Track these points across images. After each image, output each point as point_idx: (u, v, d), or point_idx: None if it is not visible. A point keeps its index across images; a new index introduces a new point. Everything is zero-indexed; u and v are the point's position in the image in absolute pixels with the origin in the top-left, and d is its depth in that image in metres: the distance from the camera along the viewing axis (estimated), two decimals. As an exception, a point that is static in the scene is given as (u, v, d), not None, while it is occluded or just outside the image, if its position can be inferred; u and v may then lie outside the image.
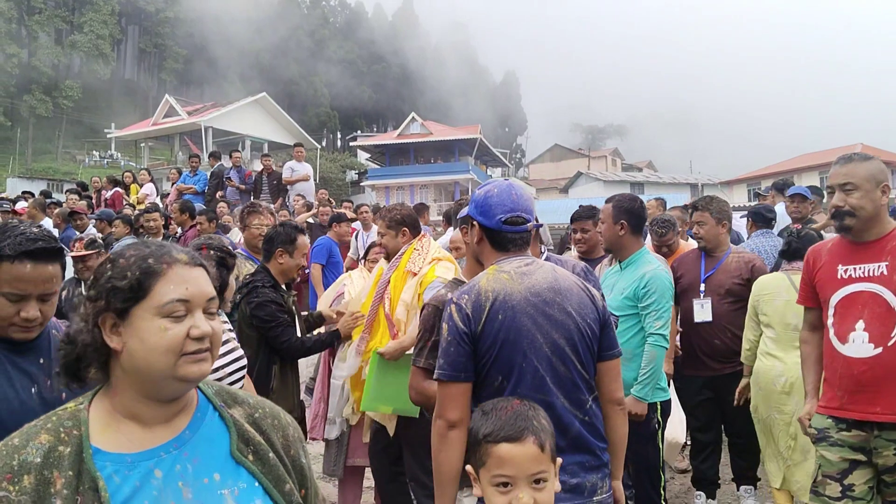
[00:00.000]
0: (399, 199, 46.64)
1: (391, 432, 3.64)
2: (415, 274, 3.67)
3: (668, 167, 73.17)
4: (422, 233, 3.97)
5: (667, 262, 4.18)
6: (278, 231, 3.94)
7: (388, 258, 3.94)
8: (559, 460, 1.85)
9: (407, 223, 3.88)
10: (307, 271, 7.41)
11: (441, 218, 10.59)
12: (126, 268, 1.27)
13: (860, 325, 2.70)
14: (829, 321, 2.82)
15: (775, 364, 4.00)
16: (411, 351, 3.26)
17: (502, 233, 2.27)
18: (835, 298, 2.81)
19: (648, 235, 5.02)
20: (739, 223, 6.64)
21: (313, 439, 4.30)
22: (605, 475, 2.19)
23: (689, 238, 6.26)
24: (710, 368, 4.39)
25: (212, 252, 3.00)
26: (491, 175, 53.58)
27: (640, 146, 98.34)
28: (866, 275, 2.73)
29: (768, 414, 4.05)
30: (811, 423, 2.90)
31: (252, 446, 1.37)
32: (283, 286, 3.88)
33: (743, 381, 4.20)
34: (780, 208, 6.42)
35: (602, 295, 2.44)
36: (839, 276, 2.80)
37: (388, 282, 3.77)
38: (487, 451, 1.80)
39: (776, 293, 4.07)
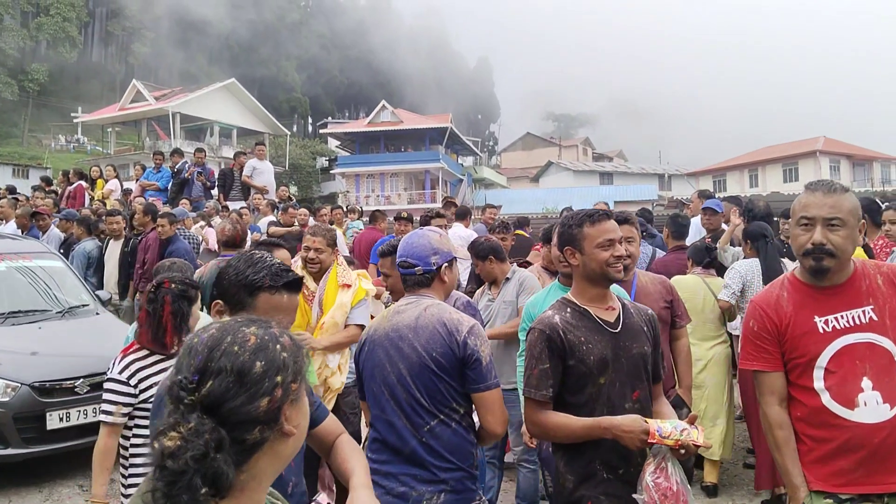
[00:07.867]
0: (369, 186, 46.78)
1: None
2: (348, 286, 4.16)
3: (638, 156, 74.31)
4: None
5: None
6: None
7: (321, 272, 4.34)
8: None
9: (336, 243, 4.37)
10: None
11: (408, 205, 10.62)
12: (294, 347, 1.22)
13: (867, 384, 2.27)
14: (820, 384, 2.32)
15: (694, 350, 4.63)
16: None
17: (400, 274, 2.66)
18: (824, 357, 2.32)
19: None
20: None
21: None
22: (439, 490, 2.37)
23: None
24: None
25: (173, 286, 3.05)
26: (462, 163, 53.85)
27: (611, 135, 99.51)
28: (853, 323, 2.31)
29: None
30: None
31: None
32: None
33: None
34: (696, 220, 6.98)
35: (473, 329, 2.47)
36: (821, 330, 2.33)
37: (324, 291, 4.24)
38: None
39: (694, 293, 4.85)
